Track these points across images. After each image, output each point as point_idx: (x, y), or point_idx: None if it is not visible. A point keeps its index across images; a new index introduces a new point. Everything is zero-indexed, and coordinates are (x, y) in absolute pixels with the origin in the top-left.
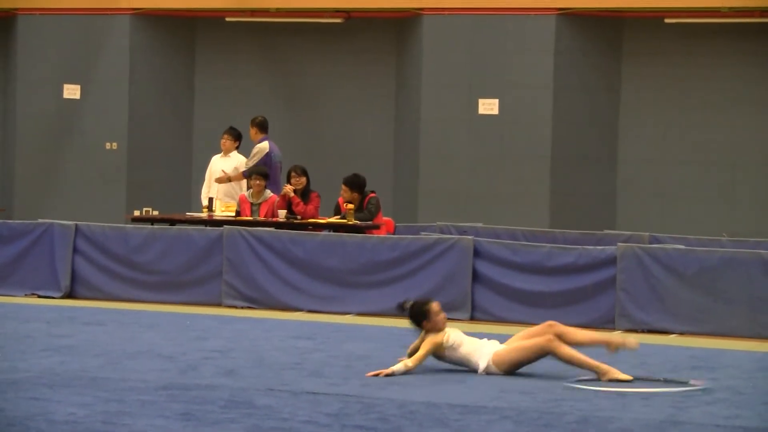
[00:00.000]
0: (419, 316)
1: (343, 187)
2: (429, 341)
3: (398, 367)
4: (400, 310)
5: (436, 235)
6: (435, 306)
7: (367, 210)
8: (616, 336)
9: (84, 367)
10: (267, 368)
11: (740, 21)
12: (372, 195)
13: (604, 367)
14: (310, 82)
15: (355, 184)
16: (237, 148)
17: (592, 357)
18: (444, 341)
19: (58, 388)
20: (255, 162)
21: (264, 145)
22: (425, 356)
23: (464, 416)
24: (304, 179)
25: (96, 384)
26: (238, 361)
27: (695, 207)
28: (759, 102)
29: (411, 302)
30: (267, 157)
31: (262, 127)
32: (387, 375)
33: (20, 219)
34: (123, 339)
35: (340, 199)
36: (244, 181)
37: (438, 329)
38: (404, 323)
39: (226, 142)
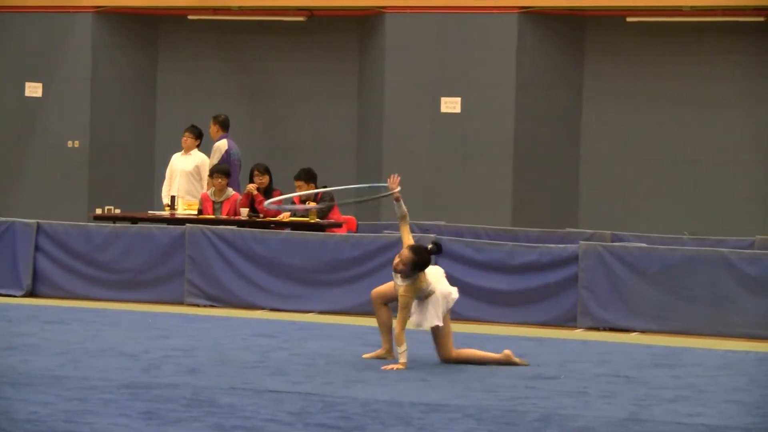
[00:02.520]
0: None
1: (299, 183)
2: (408, 291)
3: (402, 358)
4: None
5: (398, 234)
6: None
7: (322, 201)
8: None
9: (46, 365)
10: (229, 367)
11: (702, 20)
12: (325, 191)
13: (504, 354)
14: (273, 81)
15: (311, 175)
16: (198, 146)
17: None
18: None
19: (20, 387)
20: (216, 160)
21: (222, 143)
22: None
23: (427, 414)
24: (267, 178)
25: (58, 382)
26: (201, 360)
27: (657, 205)
28: (720, 99)
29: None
30: (226, 155)
31: (224, 125)
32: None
33: None
34: (85, 337)
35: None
36: (206, 179)
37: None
38: (367, 321)
39: (188, 140)
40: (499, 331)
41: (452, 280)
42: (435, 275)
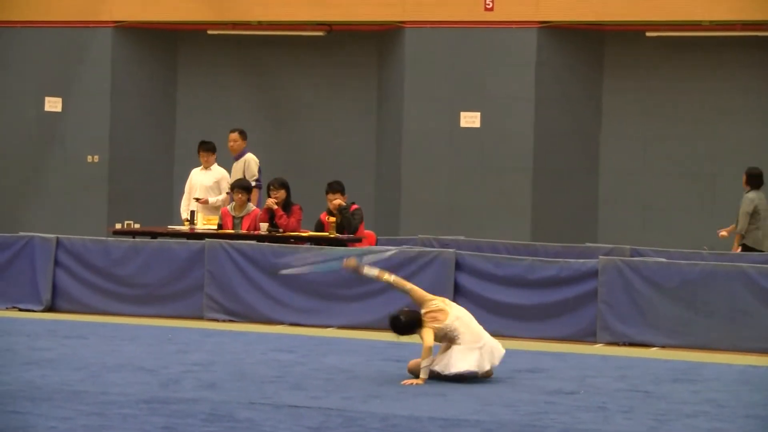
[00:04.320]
0: (415, 325)
1: (331, 195)
2: (429, 331)
3: (423, 374)
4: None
5: (417, 248)
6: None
7: (354, 217)
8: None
9: (65, 380)
10: (248, 381)
11: (721, 34)
12: (356, 207)
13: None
14: (292, 95)
15: (341, 186)
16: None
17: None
18: (444, 326)
19: (39, 402)
20: (256, 171)
21: (252, 156)
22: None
23: (446, 429)
24: (282, 192)
25: (77, 397)
26: (220, 375)
27: (676, 219)
28: (740, 113)
29: (397, 315)
30: (258, 169)
31: (246, 136)
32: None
33: (1, 232)
34: (104, 352)
35: (323, 216)
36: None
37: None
38: (385, 336)
39: (209, 158)
40: (519, 346)
41: (471, 294)
42: (464, 320)
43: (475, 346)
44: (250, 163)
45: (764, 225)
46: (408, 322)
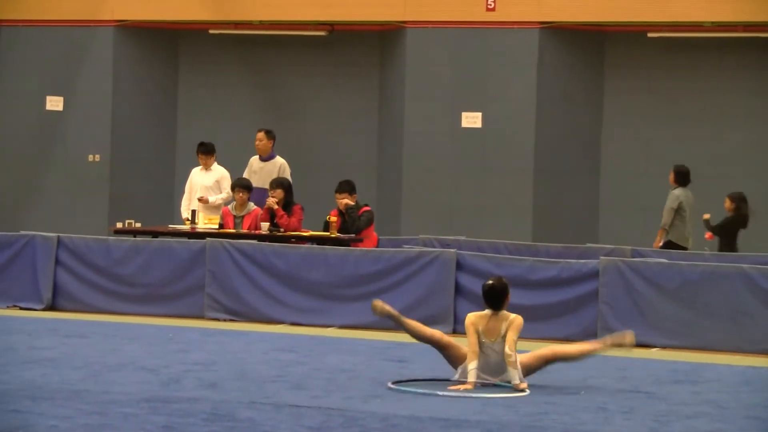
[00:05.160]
0: (504, 292)
1: (338, 195)
2: (516, 325)
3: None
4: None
5: (418, 248)
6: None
7: (360, 219)
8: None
9: (66, 379)
10: (249, 381)
11: (723, 35)
12: (367, 208)
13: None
14: (294, 95)
15: (349, 185)
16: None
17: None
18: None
19: (39, 401)
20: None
21: (284, 161)
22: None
23: (446, 430)
24: (280, 191)
25: (78, 396)
26: (221, 374)
27: None
28: (741, 115)
29: (491, 282)
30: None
31: (272, 136)
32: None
33: (2, 231)
34: (105, 351)
35: (331, 214)
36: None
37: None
38: (386, 336)
39: (208, 160)
40: (520, 346)
41: (472, 294)
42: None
43: None
44: (285, 169)
45: (689, 222)
46: (504, 286)
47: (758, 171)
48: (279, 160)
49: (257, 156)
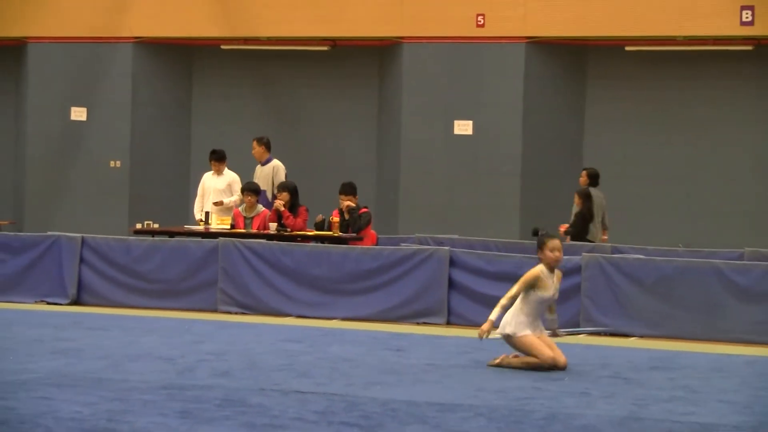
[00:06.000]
0: (537, 244)
1: (342, 196)
2: (525, 276)
3: (495, 312)
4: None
5: (415, 246)
6: (553, 243)
7: (360, 219)
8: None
9: (89, 368)
10: (259, 370)
11: (695, 48)
12: (366, 209)
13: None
14: (299, 105)
15: (353, 188)
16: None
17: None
18: (539, 273)
19: (64, 388)
20: (285, 177)
21: (279, 163)
22: (518, 291)
23: (441, 414)
24: (286, 194)
25: (100, 384)
26: (232, 363)
27: (654, 219)
28: (711, 122)
29: (542, 231)
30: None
31: (269, 146)
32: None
33: (30, 231)
34: (125, 343)
35: (333, 213)
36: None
37: (546, 263)
38: (386, 327)
39: (220, 166)
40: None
41: (465, 289)
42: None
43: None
44: (279, 170)
45: (598, 219)
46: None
47: (729, 173)
48: (273, 162)
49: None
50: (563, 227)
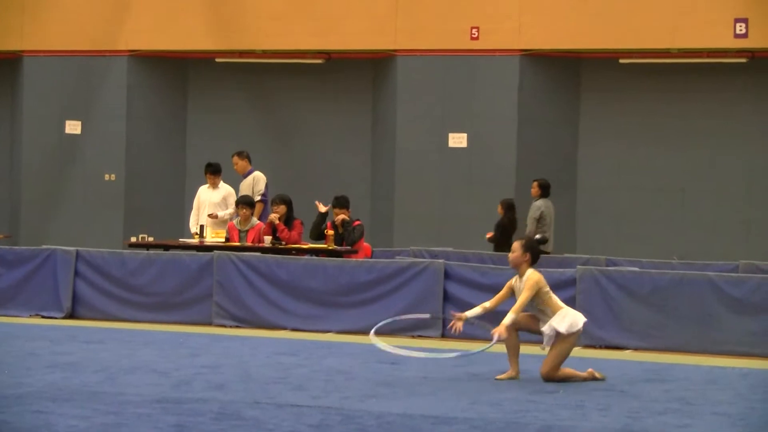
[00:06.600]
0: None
1: (337, 210)
2: (529, 284)
3: (475, 310)
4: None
5: (409, 259)
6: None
7: (354, 232)
8: None
9: (84, 382)
10: (254, 383)
11: (689, 61)
12: (359, 222)
13: (588, 372)
14: (294, 117)
15: (347, 202)
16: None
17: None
18: (539, 280)
19: (60, 402)
20: (264, 188)
21: (261, 174)
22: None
23: (436, 426)
24: (283, 207)
25: (95, 398)
26: (227, 376)
27: (648, 231)
28: (705, 134)
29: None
30: (266, 187)
31: (250, 158)
32: (462, 319)
33: (25, 245)
34: (120, 356)
35: (327, 226)
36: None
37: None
38: (381, 340)
39: (216, 179)
40: (504, 350)
41: (459, 301)
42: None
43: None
44: (258, 180)
45: (549, 230)
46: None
47: (723, 185)
48: (253, 174)
49: None
50: (489, 234)
